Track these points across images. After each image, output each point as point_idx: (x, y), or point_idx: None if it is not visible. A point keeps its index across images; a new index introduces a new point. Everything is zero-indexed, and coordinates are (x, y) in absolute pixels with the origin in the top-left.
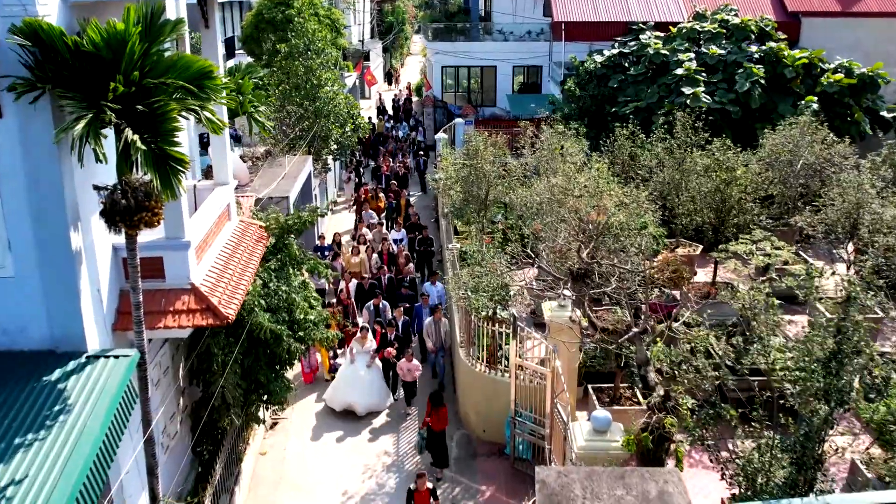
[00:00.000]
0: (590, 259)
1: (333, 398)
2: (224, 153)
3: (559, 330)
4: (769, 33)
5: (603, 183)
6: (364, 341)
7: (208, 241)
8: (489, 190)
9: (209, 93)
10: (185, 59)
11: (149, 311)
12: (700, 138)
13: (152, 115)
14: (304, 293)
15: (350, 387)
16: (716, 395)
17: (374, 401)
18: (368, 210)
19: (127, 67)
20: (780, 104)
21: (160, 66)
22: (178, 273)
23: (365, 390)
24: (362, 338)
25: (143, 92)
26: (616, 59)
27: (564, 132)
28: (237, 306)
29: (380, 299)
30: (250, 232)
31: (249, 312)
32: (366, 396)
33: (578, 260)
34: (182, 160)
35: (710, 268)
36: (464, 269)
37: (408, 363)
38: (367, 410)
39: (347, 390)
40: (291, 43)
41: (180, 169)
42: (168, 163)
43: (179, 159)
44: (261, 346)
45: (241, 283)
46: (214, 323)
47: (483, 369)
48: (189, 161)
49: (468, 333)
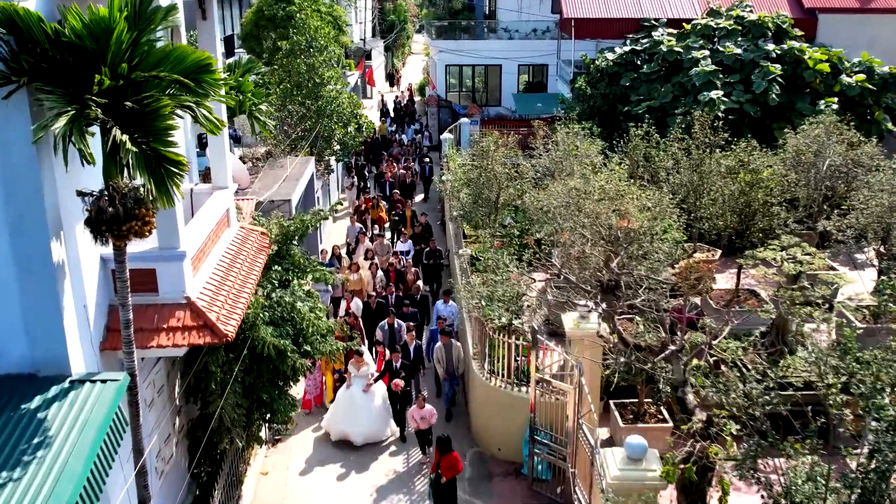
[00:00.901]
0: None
1: (330, 425)
2: (223, 155)
3: (581, 344)
4: (786, 30)
5: (624, 186)
6: (360, 364)
7: (206, 250)
8: (500, 192)
9: (206, 88)
10: (179, 50)
11: (140, 328)
12: (720, 138)
13: (143, 112)
14: (310, 303)
15: (346, 414)
16: (766, 424)
17: (372, 430)
18: (355, 224)
19: (113, 59)
20: (798, 103)
21: (151, 58)
22: (172, 286)
23: (362, 418)
24: (358, 360)
25: (132, 87)
26: (628, 56)
27: (578, 132)
28: (237, 322)
29: (393, 318)
30: (251, 239)
31: (251, 327)
32: (363, 425)
33: (608, 271)
34: (179, 162)
35: (727, 273)
36: (475, 275)
37: (419, 410)
38: (365, 441)
39: (343, 418)
40: (293, 40)
41: (176, 172)
42: (163, 165)
43: (175, 161)
44: (263, 362)
45: (242, 296)
46: (212, 341)
47: (498, 383)
48: (187, 163)
49: (482, 345)
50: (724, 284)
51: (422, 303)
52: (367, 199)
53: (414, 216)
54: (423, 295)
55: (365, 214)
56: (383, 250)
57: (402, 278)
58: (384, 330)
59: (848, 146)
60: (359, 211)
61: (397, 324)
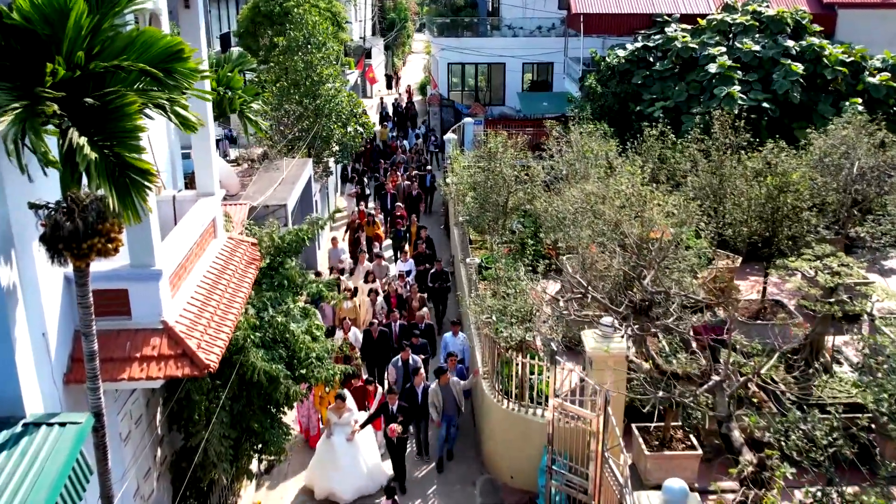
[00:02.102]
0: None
1: (312, 481)
2: (208, 158)
3: (603, 365)
4: (805, 26)
5: (647, 191)
6: (342, 410)
7: (187, 265)
8: (509, 196)
9: (179, 80)
10: (146, 35)
11: (110, 357)
12: (742, 139)
13: (105, 110)
14: (306, 322)
15: (329, 469)
16: (832, 469)
17: (360, 484)
18: (337, 247)
19: (70, 46)
20: (819, 104)
21: (115, 46)
22: (147, 309)
23: (347, 473)
24: (339, 406)
25: (94, 80)
26: (640, 53)
27: (592, 132)
28: (221, 349)
29: (408, 353)
30: (240, 251)
31: (239, 350)
32: (350, 481)
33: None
34: (146, 171)
35: (748, 281)
36: (483, 284)
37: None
38: (354, 496)
39: (326, 474)
40: (290, 36)
41: (143, 182)
42: (127, 174)
43: (143, 169)
44: (253, 388)
45: (228, 318)
46: (192, 373)
47: (511, 406)
48: (156, 172)
49: (492, 363)
50: (745, 294)
51: (427, 333)
52: (361, 214)
53: (418, 232)
54: (427, 324)
55: (358, 231)
56: (381, 272)
57: (404, 304)
58: (398, 367)
59: (879, 148)
60: (351, 227)
61: (412, 360)
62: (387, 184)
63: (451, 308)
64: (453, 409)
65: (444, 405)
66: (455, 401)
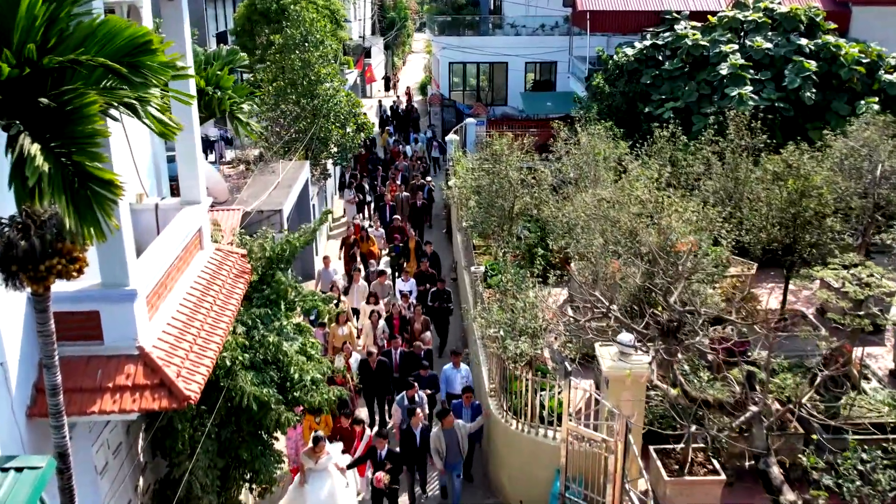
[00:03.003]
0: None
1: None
2: (193, 164)
3: (621, 385)
4: (819, 24)
5: (663, 196)
6: (318, 454)
7: (168, 282)
8: (515, 201)
9: (147, 76)
10: (108, 25)
11: (79, 387)
12: (757, 140)
13: (62, 112)
14: (301, 340)
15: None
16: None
17: None
18: (329, 268)
19: (21, 39)
20: (833, 102)
21: (72, 39)
22: (120, 333)
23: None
24: (316, 450)
25: (46, 77)
26: (649, 51)
27: (602, 134)
28: (204, 377)
29: (416, 390)
30: (229, 264)
31: (227, 373)
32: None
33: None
34: (110, 182)
35: (762, 288)
36: (488, 291)
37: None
38: None
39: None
40: (286, 34)
41: (107, 195)
42: (88, 186)
43: (105, 180)
44: (243, 413)
45: (213, 340)
46: (170, 406)
47: (520, 427)
48: (121, 186)
49: (500, 380)
50: (763, 303)
51: (427, 359)
52: (356, 228)
53: (419, 248)
54: (426, 350)
55: (354, 248)
56: (384, 292)
57: (407, 327)
58: (403, 407)
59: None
60: (346, 243)
61: (418, 397)
62: (385, 194)
63: (453, 332)
64: (458, 456)
65: (447, 451)
66: (459, 445)
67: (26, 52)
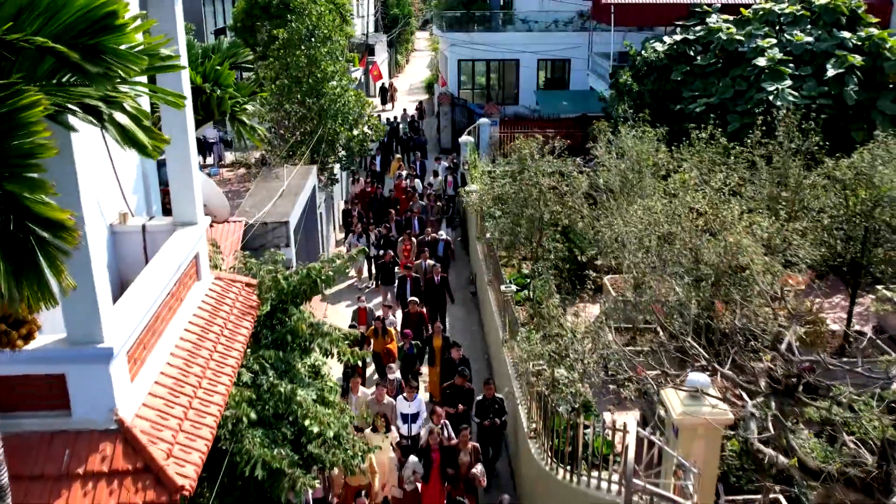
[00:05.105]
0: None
1: None
2: (188, 178)
3: (693, 434)
4: (861, 16)
5: (731, 210)
6: None
7: (157, 327)
8: (545, 210)
9: (110, 64)
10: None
11: (39, 474)
12: (810, 143)
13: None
14: (316, 385)
15: None
16: None
17: None
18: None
19: None
20: (879, 101)
21: (2, 11)
22: (93, 402)
23: None
24: None
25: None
26: (680, 47)
27: (649, 136)
28: (203, 454)
29: None
30: (231, 296)
31: (231, 433)
32: None
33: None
34: (58, 225)
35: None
36: (520, 309)
37: None
38: None
39: None
40: (291, 27)
41: (57, 244)
42: (28, 230)
43: (53, 222)
44: (250, 479)
45: (213, 402)
46: (157, 499)
47: (566, 476)
48: (74, 230)
49: (541, 421)
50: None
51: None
52: (363, 312)
53: (446, 346)
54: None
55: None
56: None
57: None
58: None
59: None
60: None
61: None
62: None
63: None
64: None
65: None
66: None
67: None
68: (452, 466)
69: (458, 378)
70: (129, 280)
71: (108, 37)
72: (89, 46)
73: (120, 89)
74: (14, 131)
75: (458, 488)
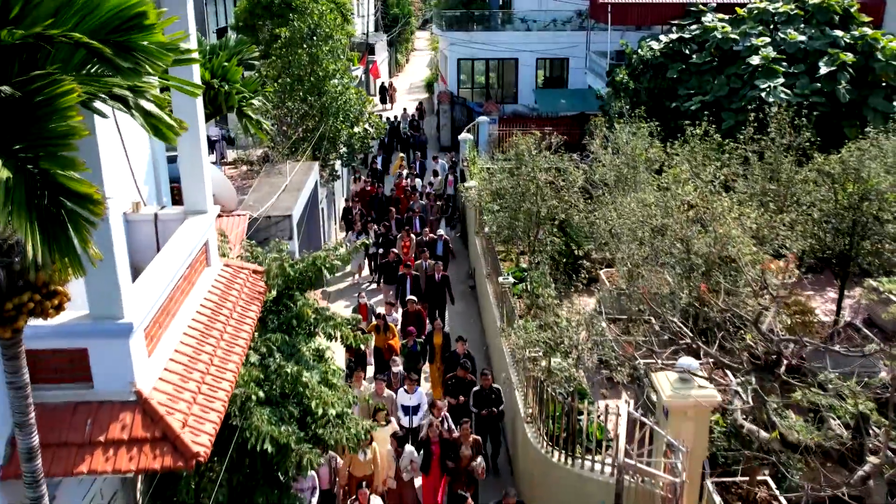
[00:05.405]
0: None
1: None
2: (199, 168)
3: (682, 416)
4: (853, 15)
5: (720, 202)
6: None
7: (171, 308)
8: (542, 205)
9: (140, 59)
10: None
11: (63, 441)
12: (802, 139)
13: (28, 104)
14: (320, 368)
15: None
16: None
17: None
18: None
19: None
20: (870, 98)
21: (42, 10)
22: (113, 375)
23: None
24: None
25: (11, 58)
26: (675, 45)
27: (643, 133)
28: (216, 424)
29: None
30: (239, 282)
31: (241, 409)
32: None
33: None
34: (87, 198)
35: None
36: (518, 302)
37: None
38: None
39: None
40: (293, 26)
41: (85, 215)
42: (59, 203)
43: (81, 195)
44: (258, 455)
45: (224, 378)
46: (175, 465)
47: (562, 458)
48: (101, 202)
49: (537, 407)
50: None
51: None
52: (363, 308)
53: (446, 344)
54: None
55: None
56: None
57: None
58: None
59: None
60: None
61: None
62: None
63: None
64: None
65: None
66: None
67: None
68: (452, 459)
69: (461, 370)
70: (142, 267)
71: (138, 35)
72: (120, 43)
73: (143, 79)
74: (50, 116)
75: (459, 481)
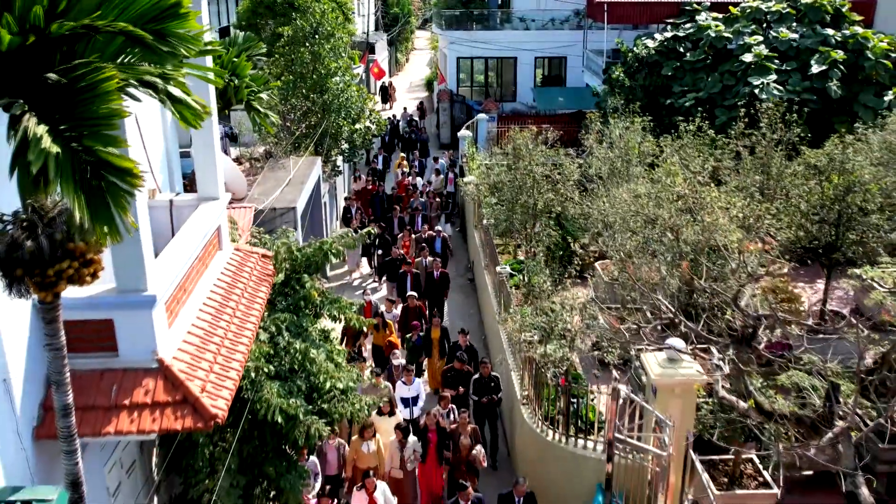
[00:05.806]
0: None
1: None
2: (212, 156)
3: (669, 393)
4: (845, 14)
5: (708, 192)
6: None
7: (187, 286)
8: (539, 198)
9: (175, 46)
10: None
11: (91, 405)
12: (792, 134)
13: (73, 89)
14: (326, 347)
15: None
16: None
17: None
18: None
19: (25, 2)
20: (861, 94)
21: (87, 1)
22: (137, 344)
23: None
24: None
25: (55, 47)
26: (670, 43)
27: (636, 128)
28: (231, 391)
29: None
30: (249, 265)
31: (252, 383)
32: None
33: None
34: (127, 171)
35: (792, 286)
36: (516, 292)
37: None
38: None
39: None
40: (296, 25)
41: (124, 187)
42: (102, 176)
43: (122, 169)
44: (267, 426)
45: (238, 349)
46: (195, 426)
47: (557, 437)
48: (140, 176)
49: (532, 388)
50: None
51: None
52: (368, 306)
53: (445, 338)
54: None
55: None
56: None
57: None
58: None
59: None
60: (349, 333)
61: None
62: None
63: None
64: None
65: None
66: None
67: (32, 17)
68: (450, 448)
69: (457, 362)
70: (157, 252)
71: (173, 23)
72: (159, 31)
73: (168, 69)
74: (94, 99)
75: (459, 470)
